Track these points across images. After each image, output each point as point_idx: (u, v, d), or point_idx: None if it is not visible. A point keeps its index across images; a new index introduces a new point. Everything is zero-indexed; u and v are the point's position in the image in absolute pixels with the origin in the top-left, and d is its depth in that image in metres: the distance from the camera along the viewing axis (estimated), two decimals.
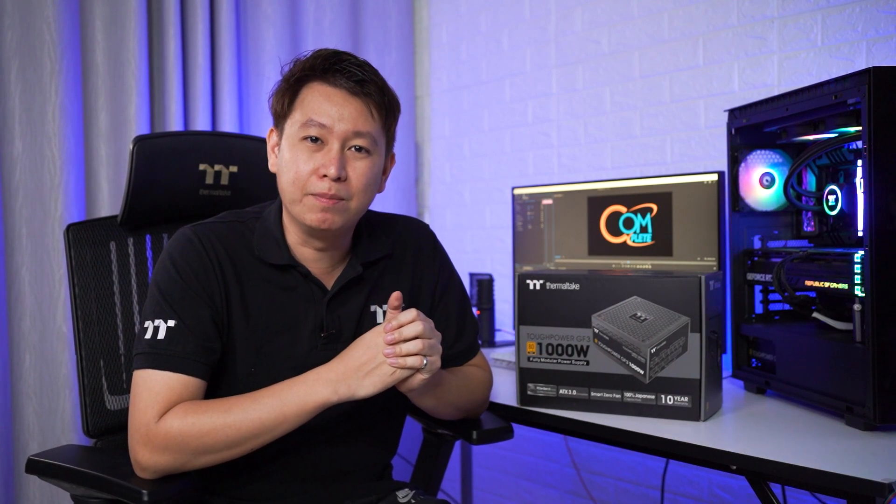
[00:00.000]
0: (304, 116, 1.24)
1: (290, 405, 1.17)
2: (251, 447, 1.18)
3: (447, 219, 2.96)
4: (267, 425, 1.17)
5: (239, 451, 1.18)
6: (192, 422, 1.15)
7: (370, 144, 1.26)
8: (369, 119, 1.26)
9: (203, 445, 1.16)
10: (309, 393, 1.17)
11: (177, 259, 1.25)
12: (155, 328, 1.20)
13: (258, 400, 1.18)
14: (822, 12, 1.90)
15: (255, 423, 1.16)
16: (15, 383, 2.14)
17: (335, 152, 1.23)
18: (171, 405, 1.17)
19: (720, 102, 2.10)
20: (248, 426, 1.16)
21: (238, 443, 1.17)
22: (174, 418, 1.16)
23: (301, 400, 1.17)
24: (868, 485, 1.04)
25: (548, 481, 2.61)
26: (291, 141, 1.25)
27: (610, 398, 1.41)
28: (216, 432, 1.15)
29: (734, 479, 2.11)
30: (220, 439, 1.16)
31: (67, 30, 2.17)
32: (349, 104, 1.24)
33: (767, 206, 1.62)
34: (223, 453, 1.17)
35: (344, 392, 1.17)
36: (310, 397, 1.17)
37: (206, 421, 1.15)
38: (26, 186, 2.14)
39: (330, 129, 1.23)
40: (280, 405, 1.17)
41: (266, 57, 2.59)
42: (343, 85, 1.24)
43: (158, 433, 1.15)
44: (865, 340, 1.26)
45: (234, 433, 1.16)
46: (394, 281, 1.38)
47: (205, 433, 1.15)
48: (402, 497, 1.37)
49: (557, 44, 2.54)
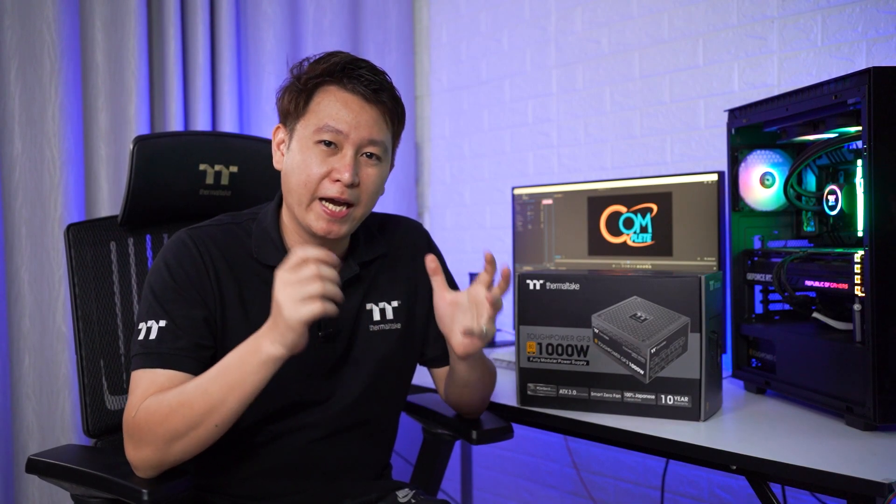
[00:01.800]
0: (319, 120, 1.24)
1: (232, 368, 1.12)
2: (214, 424, 1.13)
3: (447, 219, 2.96)
4: (215, 396, 1.12)
5: (204, 431, 1.13)
6: (155, 408, 1.14)
7: (381, 152, 1.27)
8: (384, 127, 1.27)
9: (168, 430, 1.13)
10: (248, 351, 1.12)
11: (171, 262, 1.25)
12: (147, 329, 1.21)
13: (207, 373, 1.15)
14: (822, 12, 1.90)
15: (204, 396, 1.12)
16: (15, 383, 2.14)
17: (349, 158, 1.23)
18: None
19: (720, 102, 2.10)
20: (199, 401, 1.12)
21: (198, 422, 1.13)
22: (142, 407, 1.15)
23: (240, 359, 1.12)
24: (868, 485, 1.04)
25: (548, 481, 2.61)
26: (305, 143, 1.25)
27: (610, 398, 1.41)
28: (174, 413, 1.13)
29: (734, 479, 2.11)
30: (179, 420, 1.13)
31: (67, 30, 2.17)
32: (365, 112, 1.25)
33: (767, 206, 1.62)
34: (189, 436, 1.14)
35: (280, 338, 1.09)
36: (249, 356, 1.12)
37: (165, 403, 1.14)
38: (26, 186, 2.14)
39: (346, 136, 1.23)
40: (223, 371, 1.13)
41: (266, 57, 2.58)
42: (360, 91, 1.24)
43: (133, 425, 1.15)
44: (865, 340, 1.26)
45: (189, 411, 1.13)
46: (390, 280, 1.39)
47: (165, 416, 1.13)
48: (402, 497, 1.37)
49: (557, 44, 2.54)
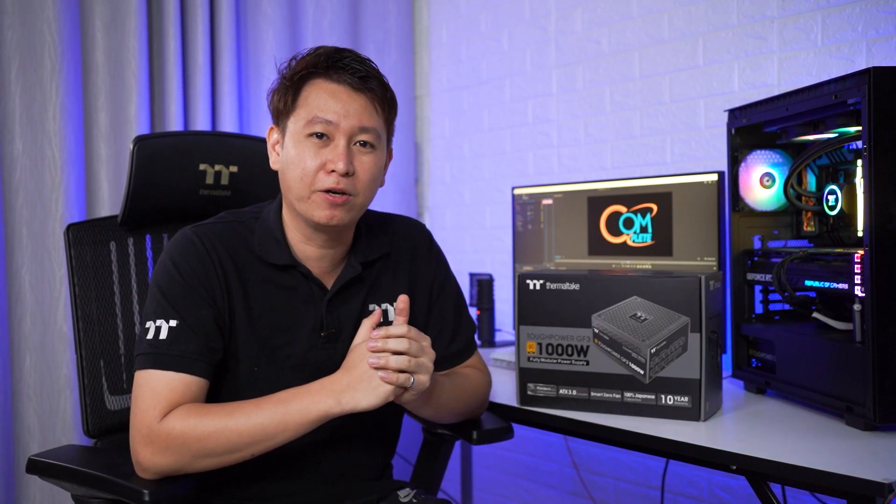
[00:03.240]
0: (308, 113, 1.24)
1: (293, 413, 1.16)
2: (252, 453, 1.18)
3: (447, 219, 2.96)
4: (269, 432, 1.16)
5: (239, 456, 1.17)
6: (195, 424, 1.15)
7: (375, 139, 1.27)
8: (374, 114, 1.26)
9: (204, 448, 1.15)
10: (313, 402, 1.16)
11: (177, 259, 1.25)
12: (157, 328, 1.20)
13: (261, 406, 1.17)
14: (822, 12, 1.90)
15: (256, 428, 1.15)
16: (15, 384, 2.14)
17: (342, 148, 1.23)
18: (173, 405, 1.17)
19: (720, 102, 2.10)
20: (249, 431, 1.15)
21: (238, 448, 1.16)
22: (176, 419, 1.15)
23: (304, 409, 1.16)
24: (868, 485, 1.04)
25: (548, 481, 2.61)
26: (297, 138, 1.25)
27: (610, 398, 1.41)
28: (217, 435, 1.15)
29: (734, 479, 2.11)
30: (220, 443, 1.15)
31: (68, 30, 2.17)
32: (354, 100, 1.25)
33: (767, 206, 1.62)
34: (223, 457, 1.17)
35: (347, 403, 1.16)
36: (313, 406, 1.16)
37: (209, 424, 1.15)
38: (26, 186, 2.14)
39: (336, 125, 1.23)
40: (283, 413, 1.16)
41: (266, 57, 2.58)
42: (346, 81, 1.25)
43: (160, 434, 1.15)
44: (865, 340, 1.26)
45: (236, 438, 1.15)
46: (391, 280, 1.39)
47: (206, 436, 1.15)
48: (403, 497, 1.37)
49: (557, 44, 2.54)
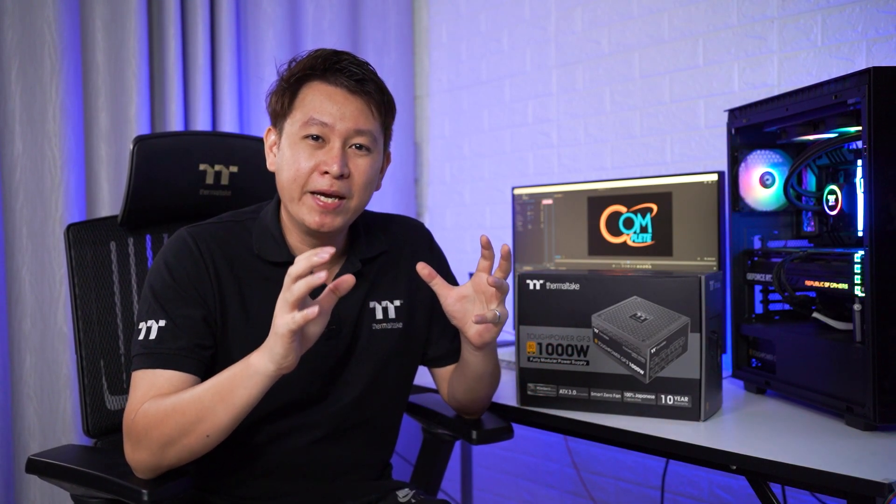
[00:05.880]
0: (305, 115, 1.24)
1: (224, 380, 1.13)
2: (205, 435, 1.13)
3: (447, 219, 2.96)
4: (206, 405, 1.12)
5: (195, 439, 1.13)
6: (153, 412, 1.14)
7: (370, 142, 1.26)
8: (370, 117, 1.26)
9: (162, 435, 1.13)
10: (241, 365, 1.12)
11: (170, 261, 1.25)
12: (147, 329, 1.21)
13: (204, 383, 1.15)
14: (822, 12, 1.90)
15: (196, 404, 1.13)
16: (15, 383, 2.14)
17: (337, 150, 1.23)
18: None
19: (720, 102, 2.10)
20: (191, 409, 1.13)
21: (187, 429, 1.13)
22: (141, 411, 1.15)
23: (233, 372, 1.13)
24: (868, 485, 1.04)
25: (548, 481, 2.61)
26: (292, 139, 1.25)
27: (610, 398, 1.41)
28: (168, 419, 1.13)
29: (734, 479, 2.11)
30: (171, 426, 1.13)
31: (68, 29, 2.17)
32: (350, 103, 1.25)
33: (767, 206, 1.62)
34: (181, 444, 1.14)
35: (269, 349, 1.09)
36: (241, 369, 1.12)
37: (161, 408, 1.14)
38: (27, 186, 2.14)
39: (332, 128, 1.23)
40: (215, 382, 1.14)
41: (266, 57, 2.58)
42: (343, 84, 1.25)
43: (132, 427, 1.16)
44: (865, 340, 1.26)
45: (181, 418, 1.13)
46: (392, 277, 1.39)
47: (160, 421, 1.13)
48: (403, 497, 1.37)
49: (557, 44, 2.54)
